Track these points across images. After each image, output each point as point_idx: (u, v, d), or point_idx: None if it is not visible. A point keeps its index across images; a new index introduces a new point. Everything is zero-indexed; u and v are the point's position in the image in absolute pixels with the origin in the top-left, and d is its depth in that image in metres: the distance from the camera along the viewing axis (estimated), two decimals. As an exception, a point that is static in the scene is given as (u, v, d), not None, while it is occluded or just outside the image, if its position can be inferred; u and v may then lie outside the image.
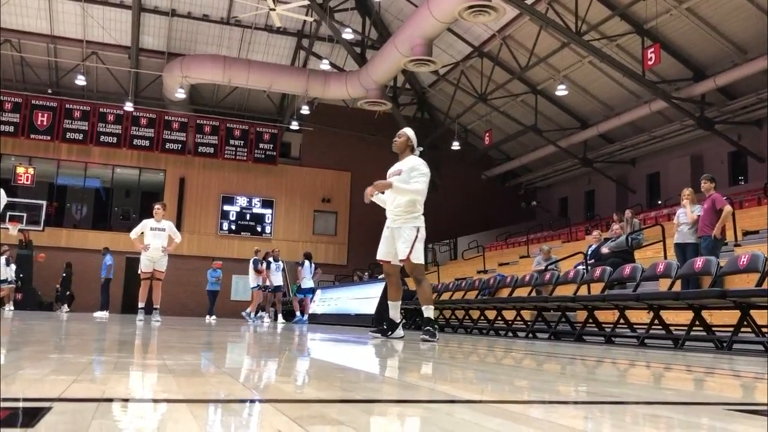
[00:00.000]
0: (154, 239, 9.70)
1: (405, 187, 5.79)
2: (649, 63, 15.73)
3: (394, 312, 6.11)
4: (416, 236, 5.81)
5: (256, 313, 15.56)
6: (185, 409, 1.39)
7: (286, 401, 1.52)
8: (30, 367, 2.13)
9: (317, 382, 2.13)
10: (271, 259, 15.69)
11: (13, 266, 18.81)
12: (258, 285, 15.37)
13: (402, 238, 5.82)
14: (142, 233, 9.74)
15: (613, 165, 23.47)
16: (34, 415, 1.15)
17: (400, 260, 5.88)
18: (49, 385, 1.61)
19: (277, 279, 15.50)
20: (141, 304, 9.91)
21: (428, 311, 5.98)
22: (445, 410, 1.49)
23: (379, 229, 6.19)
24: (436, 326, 5.96)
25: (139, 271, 9.98)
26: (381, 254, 6.06)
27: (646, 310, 7.41)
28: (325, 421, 1.25)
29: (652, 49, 15.60)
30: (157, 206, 9.99)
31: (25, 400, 1.35)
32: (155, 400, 1.47)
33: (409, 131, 6.22)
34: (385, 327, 6.13)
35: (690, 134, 19.67)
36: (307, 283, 16.02)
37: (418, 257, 5.84)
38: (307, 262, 15.89)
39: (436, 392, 1.90)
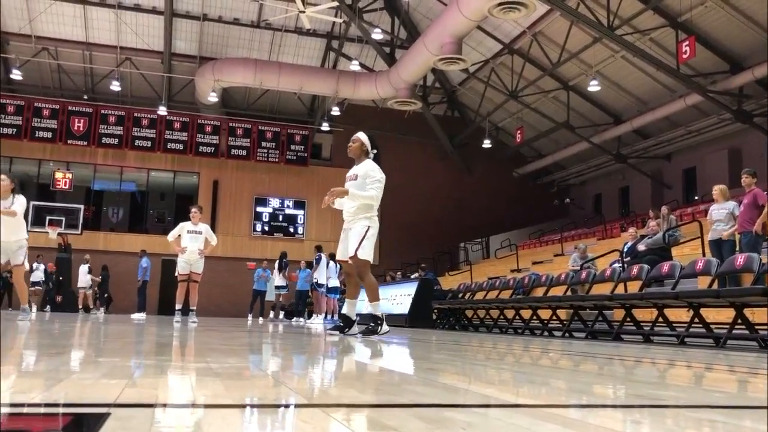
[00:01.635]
0: (191, 242, 9.84)
1: (359, 193, 5.89)
2: (684, 56, 15.47)
3: (350, 309, 6.23)
4: (365, 234, 5.92)
5: (325, 316, 15.70)
6: (237, 413, 1.42)
7: (335, 405, 1.53)
8: (81, 371, 2.19)
9: (359, 384, 2.15)
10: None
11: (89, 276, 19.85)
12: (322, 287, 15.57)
13: (352, 235, 5.96)
14: (179, 236, 9.89)
15: (648, 160, 23.12)
16: (95, 421, 1.19)
17: (349, 257, 5.99)
18: (103, 389, 1.65)
19: (319, 276, 15.66)
20: (178, 306, 10.06)
21: (375, 308, 6.02)
22: (494, 414, 1.49)
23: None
24: (380, 322, 5.98)
25: (176, 274, 10.14)
26: (339, 254, 6.22)
27: (686, 309, 7.28)
28: (377, 426, 1.26)
29: (687, 42, 15.34)
30: (193, 209, 10.12)
31: (84, 405, 1.39)
32: (207, 405, 1.50)
33: (362, 136, 6.24)
34: (341, 325, 6.25)
35: (727, 128, 19.28)
36: (333, 282, 16.10)
37: (365, 254, 5.92)
38: (332, 263, 15.90)
39: (480, 395, 1.90)
